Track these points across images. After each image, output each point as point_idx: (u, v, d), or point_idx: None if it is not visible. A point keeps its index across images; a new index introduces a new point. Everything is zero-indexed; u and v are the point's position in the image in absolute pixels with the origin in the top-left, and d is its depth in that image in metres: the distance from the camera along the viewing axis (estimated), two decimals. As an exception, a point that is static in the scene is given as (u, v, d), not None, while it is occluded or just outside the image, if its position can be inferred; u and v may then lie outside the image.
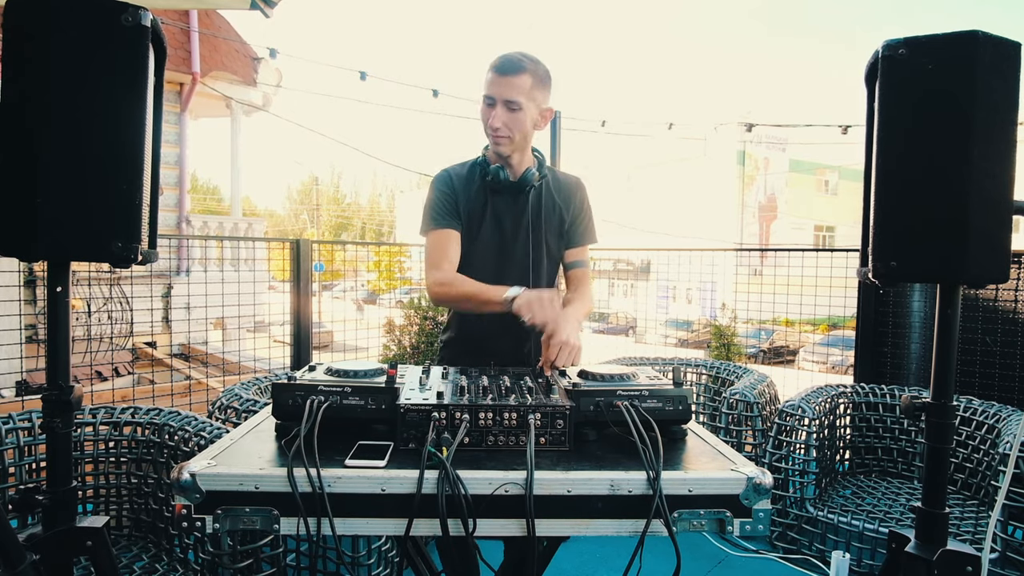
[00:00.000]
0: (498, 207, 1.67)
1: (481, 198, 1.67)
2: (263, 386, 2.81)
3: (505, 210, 1.67)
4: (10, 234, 0.99)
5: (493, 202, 1.67)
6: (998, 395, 2.89)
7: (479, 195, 1.67)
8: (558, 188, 1.73)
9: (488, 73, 1.57)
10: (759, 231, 25.18)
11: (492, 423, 1.06)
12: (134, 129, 1.04)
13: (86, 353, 5.44)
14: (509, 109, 1.55)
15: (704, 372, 3.57)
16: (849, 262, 3.69)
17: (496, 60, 1.57)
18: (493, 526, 0.94)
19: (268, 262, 8.87)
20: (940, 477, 1.14)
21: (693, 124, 25.85)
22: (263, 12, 5.02)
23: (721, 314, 5.70)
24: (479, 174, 1.67)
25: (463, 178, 1.68)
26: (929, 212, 1.05)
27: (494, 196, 1.67)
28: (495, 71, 1.55)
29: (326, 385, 1.11)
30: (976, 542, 2.02)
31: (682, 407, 1.13)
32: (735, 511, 0.96)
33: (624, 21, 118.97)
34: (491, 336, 1.67)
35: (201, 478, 0.93)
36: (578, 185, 1.78)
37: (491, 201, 1.67)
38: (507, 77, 1.54)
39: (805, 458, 2.43)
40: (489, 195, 1.66)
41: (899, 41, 1.05)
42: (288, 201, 47.45)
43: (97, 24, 1.00)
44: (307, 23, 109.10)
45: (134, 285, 6.29)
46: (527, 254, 1.67)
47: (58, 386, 1.07)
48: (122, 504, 1.91)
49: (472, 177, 1.68)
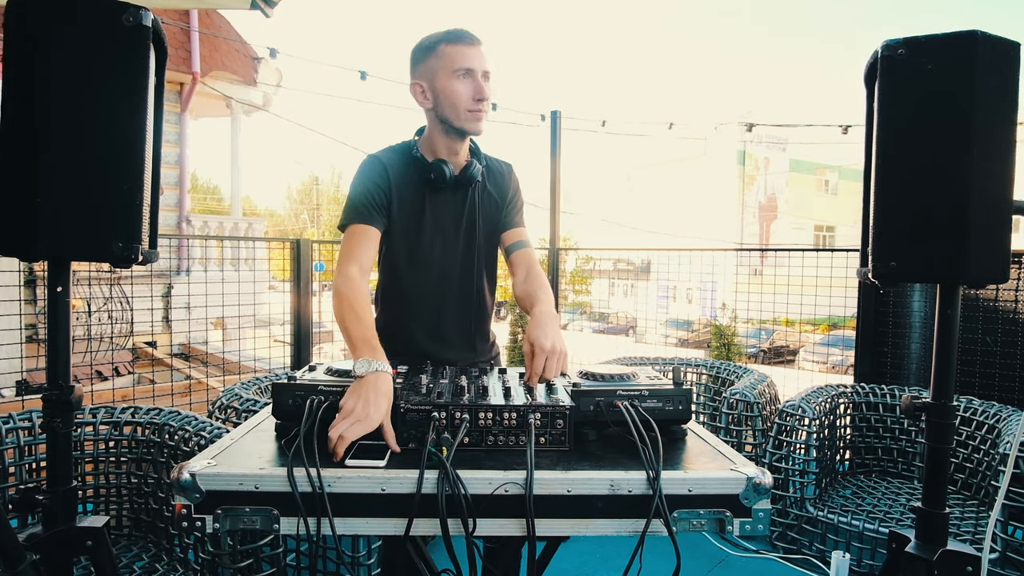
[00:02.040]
0: (437, 207, 1.54)
1: (418, 197, 1.53)
2: (263, 386, 2.81)
3: (444, 209, 1.55)
4: (10, 234, 0.99)
5: (432, 201, 1.54)
6: (998, 395, 2.88)
7: (416, 193, 1.52)
8: (492, 176, 1.62)
9: (454, 45, 1.43)
10: (759, 231, 25.19)
11: (492, 423, 1.06)
12: (135, 129, 1.03)
13: (86, 353, 5.44)
14: (487, 80, 1.44)
15: (704, 372, 3.57)
16: (849, 262, 3.69)
17: (456, 31, 1.45)
18: (493, 526, 0.94)
19: (268, 262, 8.87)
20: (940, 477, 1.14)
21: (693, 124, 25.89)
22: (263, 12, 5.02)
23: (721, 314, 5.70)
24: (415, 169, 1.52)
25: (398, 171, 1.52)
26: (929, 212, 1.05)
27: (433, 195, 1.53)
28: (465, 42, 1.43)
29: (326, 385, 1.11)
30: (976, 542, 2.02)
31: (682, 407, 1.13)
32: (735, 511, 0.96)
33: (624, 21, 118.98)
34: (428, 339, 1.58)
35: (201, 478, 0.93)
36: (510, 170, 1.67)
37: (429, 200, 1.53)
38: (478, 47, 1.44)
39: (805, 458, 2.43)
40: (428, 193, 1.53)
41: (899, 41, 1.05)
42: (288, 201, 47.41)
43: (98, 24, 1.00)
44: (307, 23, 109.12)
45: (134, 285, 6.29)
46: (470, 255, 1.58)
47: (58, 386, 1.07)
48: (122, 504, 1.91)
49: (407, 171, 1.52)
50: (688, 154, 24.62)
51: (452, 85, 1.43)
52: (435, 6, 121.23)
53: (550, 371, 1.20)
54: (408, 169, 1.53)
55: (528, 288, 1.51)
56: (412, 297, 1.59)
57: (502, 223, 1.63)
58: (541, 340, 1.21)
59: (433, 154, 1.53)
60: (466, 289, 1.60)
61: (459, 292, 1.60)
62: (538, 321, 1.30)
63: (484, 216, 1.60)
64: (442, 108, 1.46)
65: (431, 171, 1.49)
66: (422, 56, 1.48)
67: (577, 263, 15.80)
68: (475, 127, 1.48)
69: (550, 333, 1.24)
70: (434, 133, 1.53)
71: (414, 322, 1.59)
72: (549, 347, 1.20)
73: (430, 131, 1.54)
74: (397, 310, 1.61)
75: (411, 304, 1.59)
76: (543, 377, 1.20)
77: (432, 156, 1.53)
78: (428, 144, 1.55)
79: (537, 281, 1.52)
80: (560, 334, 1.27)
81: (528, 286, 1.51)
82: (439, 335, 1.60)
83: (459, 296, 1.60)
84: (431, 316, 1.59)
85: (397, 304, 1.62)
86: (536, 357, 1.20)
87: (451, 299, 1.59)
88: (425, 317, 1.59)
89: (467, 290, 1.60)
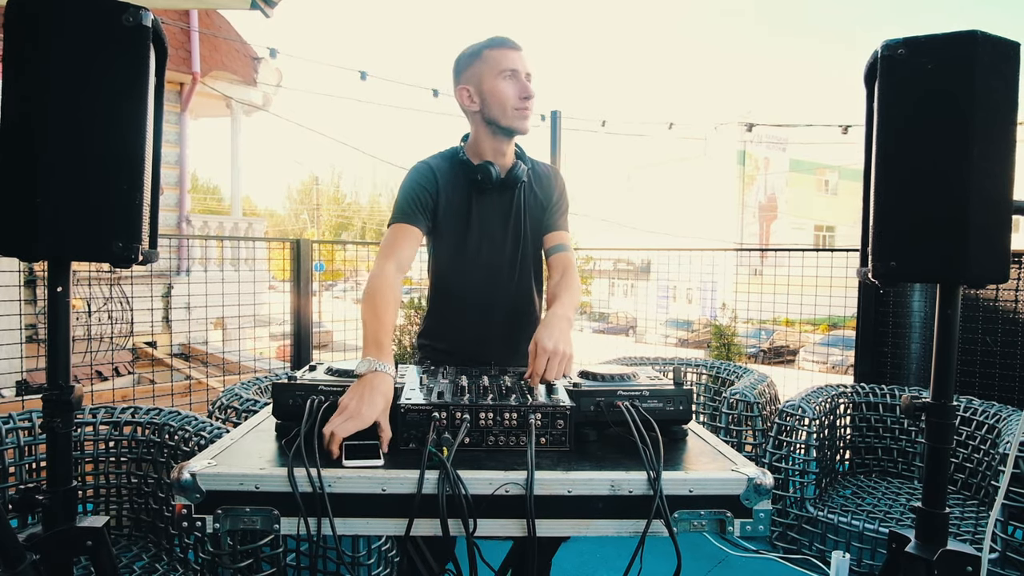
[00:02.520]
0: (485, 208, 1.58)
1: (466, 199, 1.57)
2: (263, 386, 2.81)
3: (491, 210, 1.59)
4: (10, 234, 0.99)
5: (479, 203, 1.57)
6: (998, 395, 2.88)
7: (464, 195, 1.57)
8: (538, 179, 1.66)
9: (499, 50, 1.50)
10: (759, 231, 25.19)
11: (493, 423, 1.06)
12: (135, 129, 1.03)
13: (86, 353, 5.44)
14: (529, 81, 1.51)
15: (704, 372, 3.57)
16: (849, 262, 3.69)
17: (499, 37, 1.52)
18: (493, 526, 0.94)
19: (268, 262, 8.87)
20: (940, 477, 1.14)
21: (693, 124, 25.88)
22: (263, 12, 5.02)
23: (721, 314, 5.70)
24: (462, 171, 1.57)
25: (445, 174, 1.56)
26: (929, 212, 1.05)
27: (480, 196, 1.57)
28: (509, 47, 1.50)
29: (326, 385, 1.11)
30: (976, 542, 2.02)
31: (683, 407, 1.13)
32: (735, 511, 0.96)
33: (625, 20, 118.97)
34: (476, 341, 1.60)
35: (201, 478, 0.93)
36: (556, 174, 1.72)
37: (476, 201, 1.57)
38: (521, 51, 1.51)
39: (805, 458, 2.43)
40: (474, 195, 1.57)
41: (898, 41, 1.05)
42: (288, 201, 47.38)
43: (98, 24, 1.00)
44: (307, 23, 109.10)
45: (134, 285, 6.29)
46: (516, 256, 1.60)
47: (58, 386, 1.07)
48: (122, 504, 1.91)
49: (454, 174, 1.57)
50: (688, 154, 24.62)
51: (499, 85, 1.49)
52: (435, 6, 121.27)
53: (551, 372, 1.20)
54: (455, 172, 1.57)
55: (556, 291, 1.52)
56: (460, 298, 1.61)
57: (545, 225, 1.65)
58: (544, 341, 1.22)
59: (479, 157, 1.57)
60: (513, 291, 1.62)
61: (506, 293, 1.61)
62: (547, 322, 1.31)
63: (531, 216, 1.62)
64: (490, 109, 1.51)
65: (478, 172, 1.52)
66: (468, 62, 1.54)
67: (577, 263, 15.81)
68: (522, 125, 1.52)
69: (555, 334, 1.24)
70: (480, 136, 1.56)
71: (462, 323, 1.61)
72: (551, 348, 1.21)
73: (476, 135, 1.58)
74: (446, 311, 1.65)
75: (460, 305, 1.62)
76: (544, 378, 1.20)
77: (478, 159, 1.56)
78: (474, 148, 1.59)
79: (566, 283, 1.53)
80: (568, 337, 1.28)
81: (557, 288, 1.53)
82: (486, 336, 1.61)
83: (506, 298, 1.62)
84: (479, 317, 1.60)
85: (446, 305, 1.65)
86: (538, 357, 1.21)
87: (499, 300, 1.61)
88: (473, 318, 1.60)
89: (514, 292, 1.62)
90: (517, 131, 1.53)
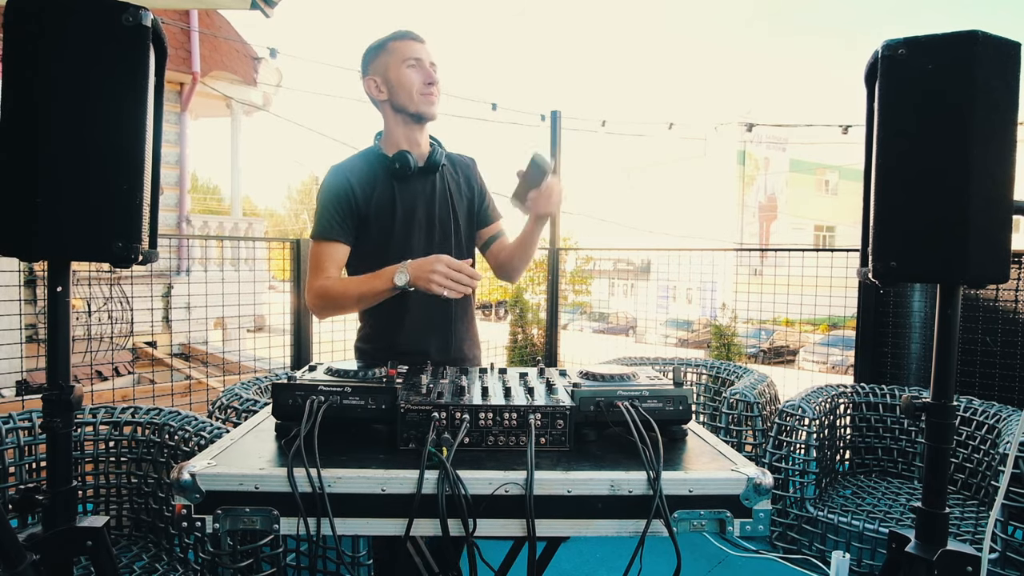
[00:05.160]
0: (406, 196, 1.59)
1: (387, 189, 1.58)
2: (263, 386, 2.81)
3: (414, 197, 1.60)
4: (10, 234, 0.99)
5: (401, 191, 1.59)
6: (998, 395, 2.89)
7: (383, 187, 1.58)
8: (458, 166, 1.71)
9: (403, 41, 1.57)
10: (759, 231, 25.19)
11: (492, 423, 1.06)
12: (134, 129, 1.03)
13: (86, 353, 5.44)
14: (434, 70, 1.58)
15: (704, 372, 3.57)
16: (849, 262, 3.68)
17: (403, 31, 1.59)
18: (493, 526, 0.94)
19: (268, 262, 8.87)
20: (940, 477, 1.14)
21: (693, 124, 25.85)
22: (263, 12, 5.01)
23: (721, 314, 5.69)
24: (379, 164, 1.59)
25: (361, 172, 1.58)
26: (929, 212, 1.05)
27: (400, 184, 1.59)
28: (412, 39, 1.57)
29: (326, 385, 1.11)
30: (976, 542, 2.02)
31: (682, 407, 1.12)
32: (735, 511, 0.96)
33: (625, 20, 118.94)
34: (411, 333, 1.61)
35: (201, 478, 0.93)
36: (474, 163, 1.77)
37: (398, 190, 1.58)
38: (424, 44, 1.58)
39: (805, 458, 2.43)
40: (396, 184, 1.58)
41: (899, 41, 1.05)
42: (288, 201, 47.38)
43: (97, 24, 1.00)
44: (307, 23, 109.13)
45: (134, 285, 6.29)
46: (447, 239, 1.62)
47: (58, 386, 1.07)
48: (122, 504, 1.91)
49: (371, 168, 1.59)
50: (688, 154, 24.62)
51: (404, 73, 1.55)
52: (434, 6, 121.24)
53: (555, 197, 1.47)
54: (372, 167, 1.60)
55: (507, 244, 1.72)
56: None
57: (480, 218, 1.72)
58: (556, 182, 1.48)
59: (396, 148, 1.60)
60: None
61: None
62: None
63: (456, 199, 1.66)
64: (397, 96, 1.57)
65: (395, 161, 1.56)
66: (375, 54, 1.60)
67: (577, 263, 15.79)
68: (429, 110, 1.58)
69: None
70: (392, 127, 1.62)
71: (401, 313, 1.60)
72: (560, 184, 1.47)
73: (389, 127, 1.63)
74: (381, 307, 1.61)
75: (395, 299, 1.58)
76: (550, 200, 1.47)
77: (394, 151, 1.59)
78: (389, 140, 1.63)
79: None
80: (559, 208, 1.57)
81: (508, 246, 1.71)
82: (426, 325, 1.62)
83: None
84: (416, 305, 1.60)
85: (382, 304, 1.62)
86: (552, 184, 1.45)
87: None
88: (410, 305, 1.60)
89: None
90: (425, 116, 1.59)
